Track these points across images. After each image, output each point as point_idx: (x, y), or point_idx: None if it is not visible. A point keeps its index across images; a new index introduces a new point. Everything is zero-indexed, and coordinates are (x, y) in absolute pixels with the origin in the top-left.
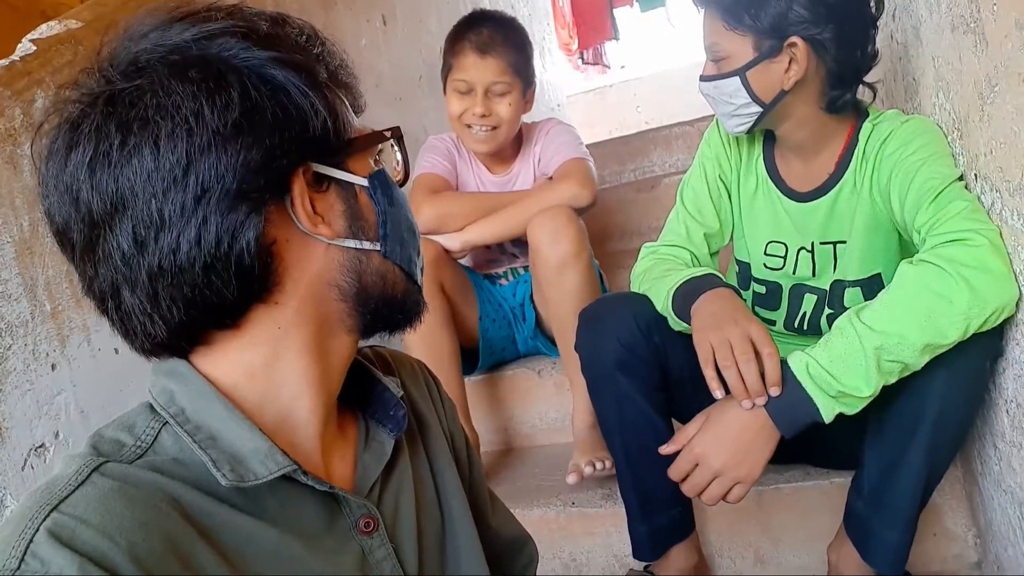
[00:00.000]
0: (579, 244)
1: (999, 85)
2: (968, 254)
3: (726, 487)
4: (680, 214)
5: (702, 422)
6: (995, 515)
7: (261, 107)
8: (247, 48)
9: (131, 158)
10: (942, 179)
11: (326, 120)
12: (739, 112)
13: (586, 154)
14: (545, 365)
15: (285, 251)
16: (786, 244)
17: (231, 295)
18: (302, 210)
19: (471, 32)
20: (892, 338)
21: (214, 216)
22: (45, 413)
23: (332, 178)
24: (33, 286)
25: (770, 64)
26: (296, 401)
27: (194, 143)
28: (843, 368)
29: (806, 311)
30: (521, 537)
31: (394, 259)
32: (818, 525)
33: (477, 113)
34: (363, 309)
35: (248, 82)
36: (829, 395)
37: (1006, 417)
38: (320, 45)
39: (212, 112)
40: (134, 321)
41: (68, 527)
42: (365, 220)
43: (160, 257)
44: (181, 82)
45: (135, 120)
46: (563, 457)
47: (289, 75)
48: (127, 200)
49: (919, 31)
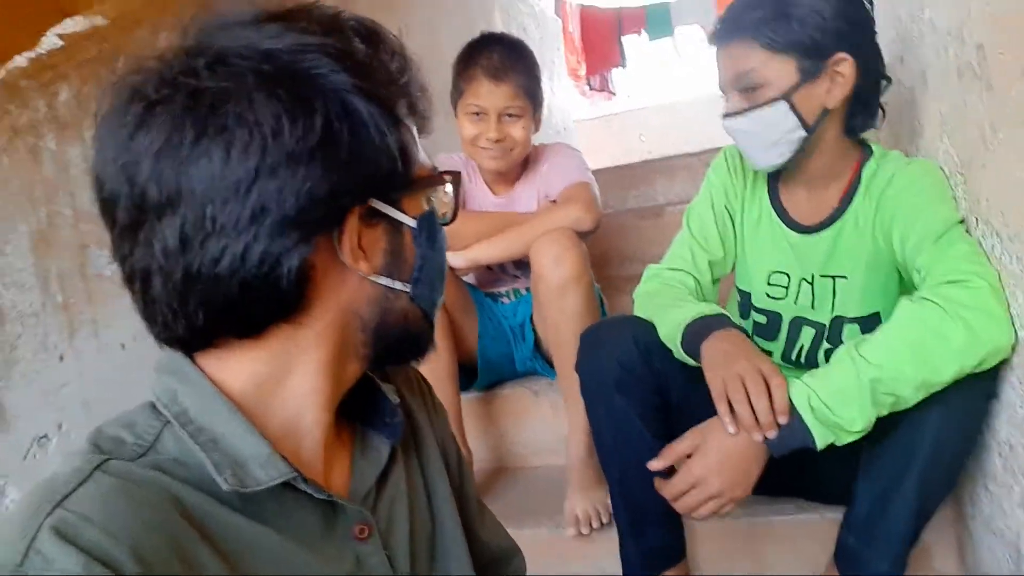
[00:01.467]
0: (581, 268)
1: (1002, 132)
2: (967, 295)
3: (721, 505)
4: (686, 239)
5: (696, 442)
6: (984, 557)
7: (340, 140)
8: (338, 72)
9: (200, 159)
10: (944, 222)
11: (396, 160)
12: (783, 140)
13: (591, 179)
14: (542, 386)
15: (321, 277)
16: (789, 275)
17: (259, 312)
18: (348, 245)
19: (482, 57)
20: (888, 371)
21: (264, 236)
22: (50, 404)
23: (384, 215)
24: (46, 277)
25: (812, 86)
26: (301, 413)
27: (265, 161)
28: (840, 401)
29: (804, 344)
30: (510, 549)
31: (420, 302)
32: (809, 559)
33: (491, 138)
34: (379, 342)
35: (332, 110)
36: (826, 426)
37: (998, 459)
38: (408, 73)
39: (291, 135)
40: (157, 310)
41: (72, 524)
42: (404, 261)
43: (201, 262)
44: (268, 97)
45: (214, 123)
46: (557, 479)
47: (372, 110)
48: (184, 198)
49: (926, 75)
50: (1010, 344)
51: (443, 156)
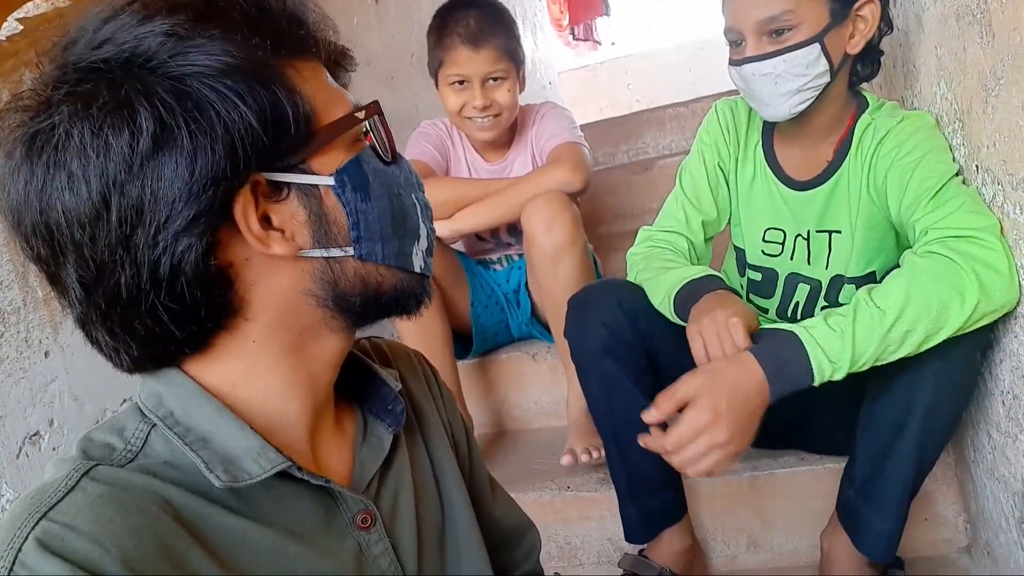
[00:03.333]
0: (574, 231)
1: (1004, 78)
2: (979, 251)
3: (724, 456)
4: (679, 199)
5: (699, 386)
6: (987, 502)
7: (175, 133)
8: (171, 52)
9: (55, 200)
10: (939, 176)
11: (268, 124)
12: (809, 85)
13: (580, 138)
14: (539, 349)
15: (245, 271)
16: (784, 231)
17: (185, 329)
18: (248, 232)
19: (457, 24)
20: (903, 324)
21: (146, 255)
22: (39, 401)
23: (288, 183)
24: (24, 273)
25: (840, 30)
26: (283, 405)
27: (108, 180)
28: (847, 343)
29: (799, 301)
30: (523, 524)
31: (374, 260)
32: (812, 510)
33: (478, 106)
34: (347, 311)
35: (160, 105)
36: (827, 361)
37: (1001, 408)
38: (280, 5)
39: (120, 146)
40: (103, 349)
41: (57, 535)
42: (334, 224)
43: (106, 299)
44: (84, 118)
45: (50, 162)
46: (557, 441)
47: (216, 83)
48: (60, 242)
49: (921, 19)
50: (1015, 301)
51: (426, 123)
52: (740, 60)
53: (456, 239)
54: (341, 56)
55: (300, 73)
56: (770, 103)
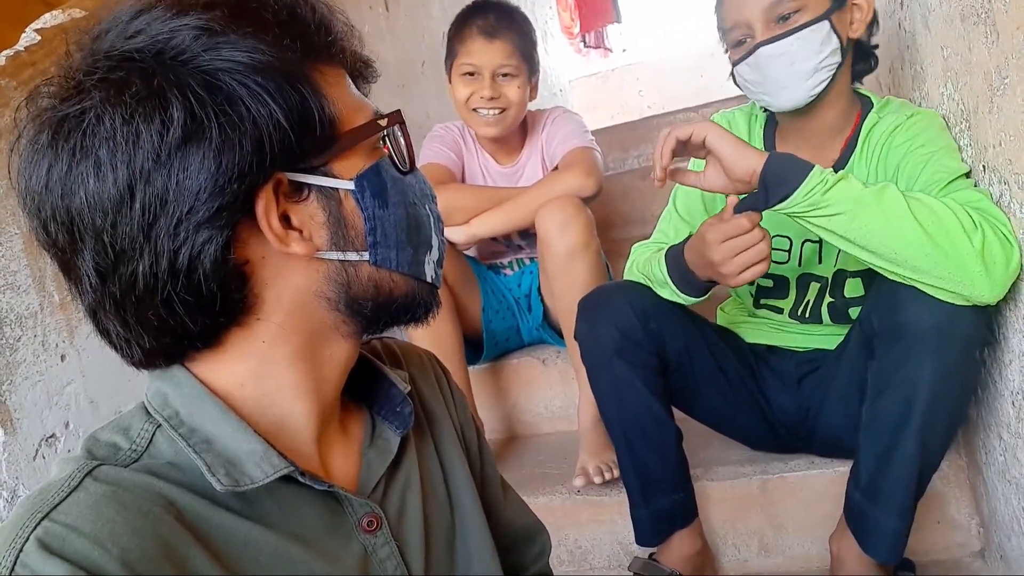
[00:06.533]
0: (588, 235)
1: (1009, 77)
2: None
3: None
4: (671, 216)
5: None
6: (999, 505)
7: (205, 125)
8: (204, 46)
9: (78, 187)
10: (950, 172)
11: (294, 124)
12: (823, 64)
13: (592, 143)
14: (550, 354)
15: (261, 269)
16: (790, 238)
17: (198, 323)
18: (269, 229)
19: (477, 18)
20: (908, 218)
21: (167, 246)
22: (55, 403)
23: (311, 185)
24: (41, 278)
25: (840, 13)
26: (290, 407)
27: (135, 170)
28: (853, 183)
29: (810, 299)
30: (534, 527)
31: (388, 267)
32: (822, 513)
33: (485, 96)
34: (358, 316)
35: (192, 97)
36: (820, 193)
37: (1012, 409)
38: (311, 12)
39: (151, 135)
40: (113, 340)
41: (58, 535)
42: (351, 228)
43: (121, 288)
44: (116, 105)
45: (78, 148)
46: (568, 445)
47: (247, 79)
48: (80, 230)
49: (927, 20)
50: (990, 297)
51: (439, 126)
52: (752, 48)
53: (472, 244)
54: (364, 66)
55: (325, 77)
56: (788, 85)
